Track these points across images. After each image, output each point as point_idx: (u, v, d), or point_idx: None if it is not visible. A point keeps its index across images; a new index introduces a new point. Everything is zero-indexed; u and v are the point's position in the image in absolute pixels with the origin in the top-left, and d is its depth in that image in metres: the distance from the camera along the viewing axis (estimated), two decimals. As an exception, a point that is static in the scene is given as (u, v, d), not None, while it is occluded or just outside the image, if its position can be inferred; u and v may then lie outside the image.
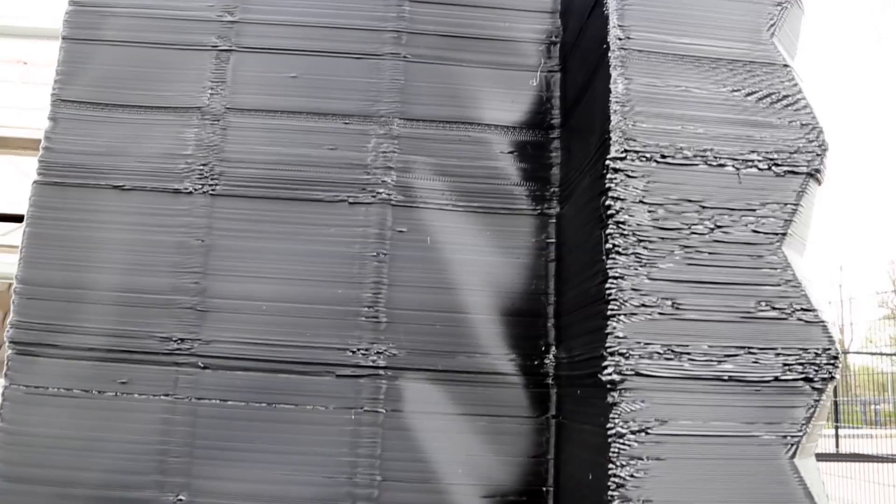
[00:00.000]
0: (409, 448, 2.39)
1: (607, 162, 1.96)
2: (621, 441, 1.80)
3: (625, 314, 1.86)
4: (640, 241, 1.91)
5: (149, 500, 2.38)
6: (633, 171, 1.96)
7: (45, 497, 2.40)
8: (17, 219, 2.66)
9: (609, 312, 1.87)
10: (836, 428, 13.61)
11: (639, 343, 1.85)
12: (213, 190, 2.55)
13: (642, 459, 1.80)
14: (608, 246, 1.91)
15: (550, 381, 2.47)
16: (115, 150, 2.59)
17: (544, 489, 2.41)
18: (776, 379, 1.89)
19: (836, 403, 13.60)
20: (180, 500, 2.37)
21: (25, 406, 2.46)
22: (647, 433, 1.81)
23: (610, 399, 1.83)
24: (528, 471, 2.42)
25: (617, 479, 1.79)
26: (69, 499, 2.40)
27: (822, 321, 1.94)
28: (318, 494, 2.37)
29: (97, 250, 2.53)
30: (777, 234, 1.96)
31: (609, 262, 1.90)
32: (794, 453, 1.87)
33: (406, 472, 2.38)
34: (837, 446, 12.88)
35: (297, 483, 2.37)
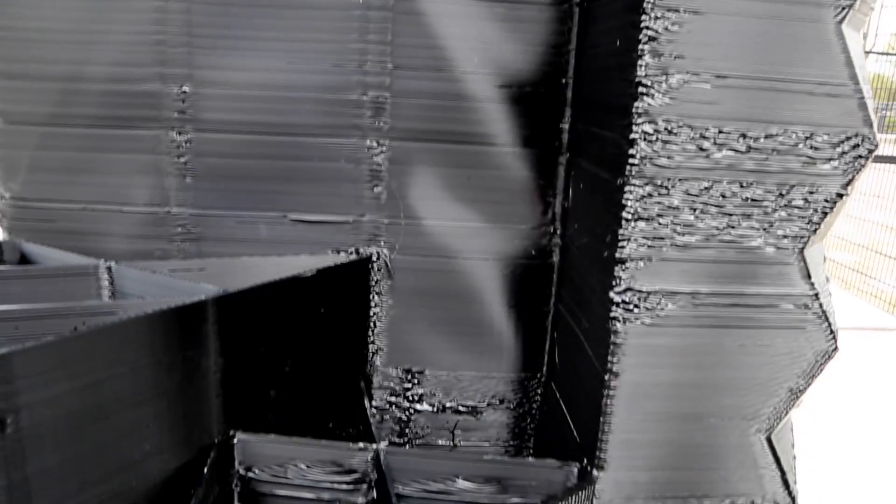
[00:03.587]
0: (421, 34, 2.23)
1: None
2: (658, -12, 1.62)
3: None
4: None
5: (154, 92, 2.30)
6: None
7: (52, 94, 2.33)
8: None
9: None
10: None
11: None
12: None
13: (678, 11, 1.64)
14: None
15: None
16: None
17: (563, 81, 2.30)
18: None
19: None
20: (184, 91, 2.29)
21: (9, -2, 2.28)
22: (687, -18, 1.62)
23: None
24: (547, 61, 2.28)
25: (650, 33, 1.64)
26: (76, 94, 2.32)
27: None
28: (326, 83, 2.28)
29: None
30: None
31: None
32: (843, 18, 1.69)
33: (419, 59, 2.25)
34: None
35: (304, 72, 2.27)
